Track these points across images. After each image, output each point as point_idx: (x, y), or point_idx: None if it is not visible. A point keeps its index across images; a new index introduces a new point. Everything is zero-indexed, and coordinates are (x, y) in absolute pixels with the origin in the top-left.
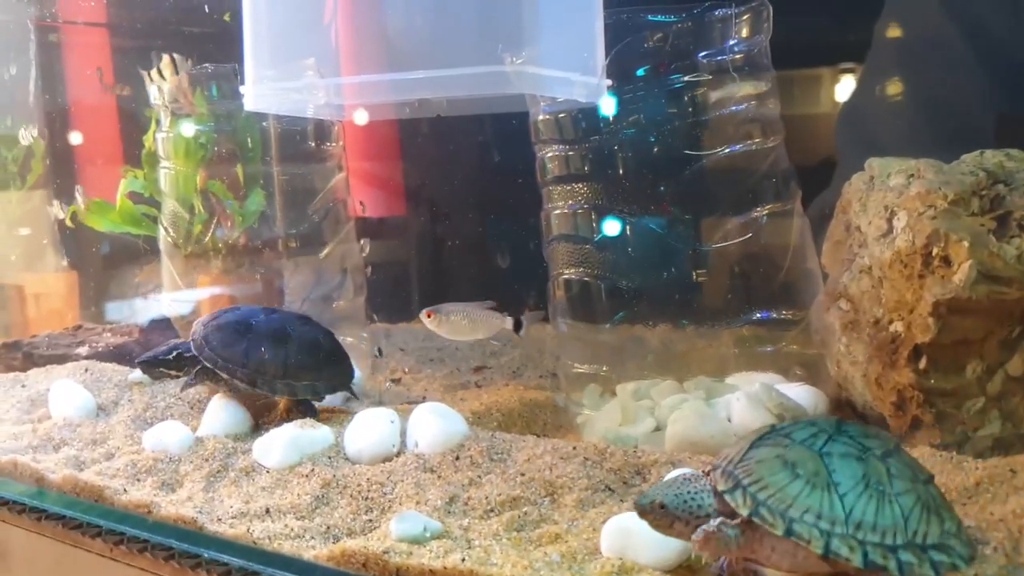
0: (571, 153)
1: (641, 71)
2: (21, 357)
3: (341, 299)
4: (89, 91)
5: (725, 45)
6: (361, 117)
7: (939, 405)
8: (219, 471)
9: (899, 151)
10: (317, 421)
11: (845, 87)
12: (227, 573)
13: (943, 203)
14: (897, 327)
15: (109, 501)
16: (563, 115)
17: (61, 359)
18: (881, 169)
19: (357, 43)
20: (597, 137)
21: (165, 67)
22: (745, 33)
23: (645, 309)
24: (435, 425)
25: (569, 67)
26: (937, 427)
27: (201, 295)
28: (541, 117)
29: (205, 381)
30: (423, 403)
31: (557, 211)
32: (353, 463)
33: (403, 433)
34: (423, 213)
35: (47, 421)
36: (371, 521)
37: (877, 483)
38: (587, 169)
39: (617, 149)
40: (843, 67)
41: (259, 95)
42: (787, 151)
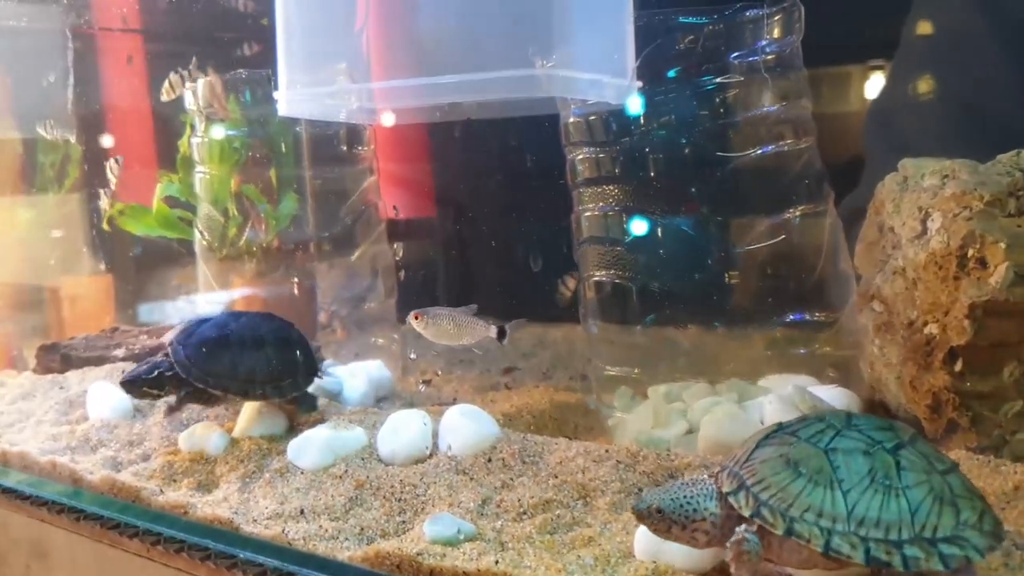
0: (602, 155)
1: (672, 73)
2: (59, 359)
3: (372, 301)
4: (124, 96)
5: (757, 46)
6: (392, 121)
7: (975, 408)
8: (254, 472)
9: (928, 151)
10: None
11: (878, 85)
12: (263, 574)
13: (979, 204)
14: (932, 329)
15: (146, 502)
16: (594, 117)
17: (98, 361)
18: (915, 170)
19: (388, 48)
20: (628, 139)
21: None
22: (777, 34)
23: (677, 311)
24: (467, 427)
25: (599, 69)
26: (973, 430)
27: (235, 297)
28: (572, 119)
29: (192, 403)
30: (454, 405)
31: (588, 213)
32: (386, 464)
33: (435, 435)
34: (453, 215)
35: (85, 423)
36: (404, 523)
37: (884, 477)
38: (618, 171)
39: (648, 151)
40: (877, 65)
41: (292, 100)
42: (820, 151)
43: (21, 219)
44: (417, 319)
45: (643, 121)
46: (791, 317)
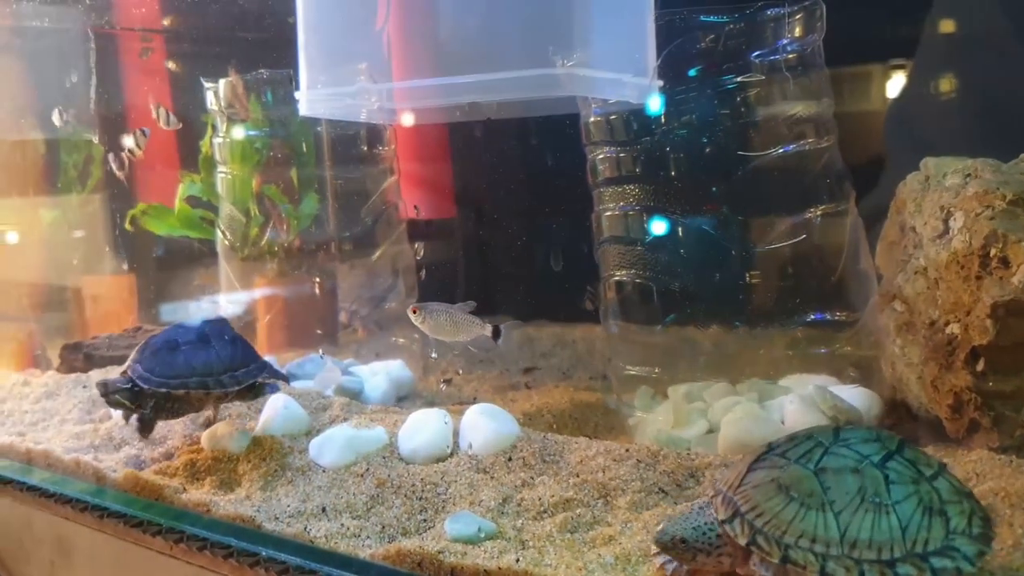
0: (622, 154)
1: (693, 72)
2: (82, 358)
3: (393, 301)
4: (146, 97)
5: (778, 45)
6: (412, 121)
7: (997, 408)
8: (276, 470)
9: (950, 150)
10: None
11: (900, 84)
12: (285, 571)
13: (1001, 203)
14: (953, 329)
15: (169, 500)
16: (614, 116)
17: (121, 360)
18: (937, 169)
19: (408, 47)
20: (648, 138)
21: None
22: (798, 32)
23: (697, 311)
24: (487, 426)
25: (620, 68)
26: (995, 430)
27: (257, 296)
28: (592, 119)
29: (162, 416)
30: (475, 404)
31: (608, 213)
32: (407, 463)
33: (456, 434)
34: (473, 215)
35: (108, 421)
36: (425, 521)
37: (874, 495)
38: (638, 170)
39: (669, 150)
40: (898, 63)
41: (313, 100)
42: (840, 150)
43: (44, 219)
44: (415, 313)
45: (664, 120)
46: (812, 317)
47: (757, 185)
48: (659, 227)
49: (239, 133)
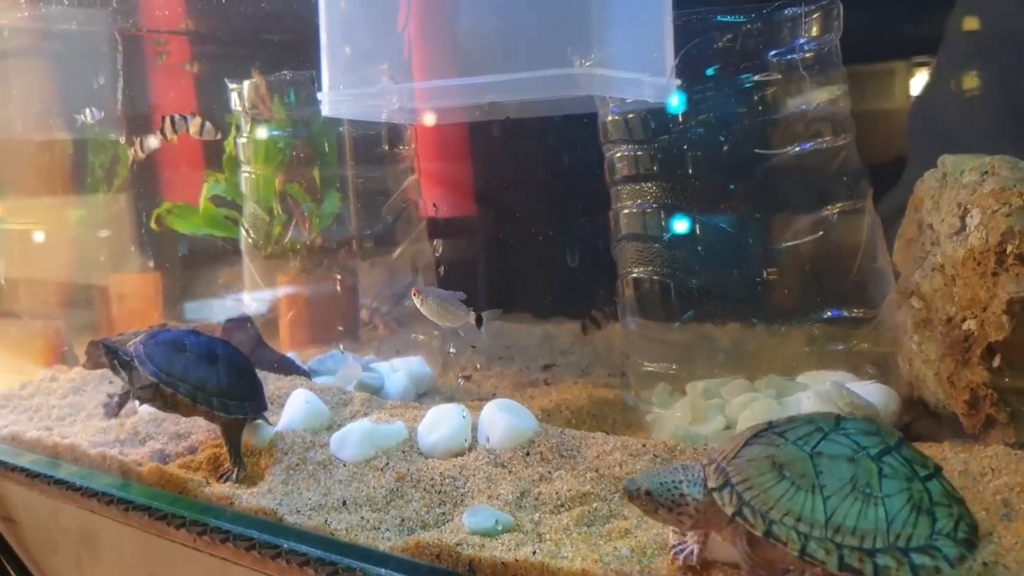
0: (640, 153)
1: (711, 71)
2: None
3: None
4: (172, 98)
5: (795, 44)
6: (432, 120)
7: (1013, 404)
8: (298, 464)
9: (972, 148)
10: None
11: (918, 82)
12: (306, 563)
13: (1018, 200)
14: (970, 325)
15: (193, 493)
16: (632, 115)
17: None
18: (954, 166)
19: (429, 48)
20: (666, 137)
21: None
22: (815, 32)
23: (715, 308)
24: (506, 421)
25: (638, 68)
26: (1012, 426)
27: (279, 294)
28: (610, 118)
29: (143, 400)
30: (494, 400)
31: (626, 210)
32: (426, 457)
33: (474, 429)
34: (493, 213)
35: (133, 416)
36: (444, 514)
37: (865, 485)
38: (656, 168)
39: (686, 148)
40: (916, 61)
41: (335, 101)
42: (857, 148)
43: (71, 218)
44: (415, 295)
45: (681, 119)
46: (829, 313)
47: (774, 183)
48: (677, 224)
49: (263, 133)
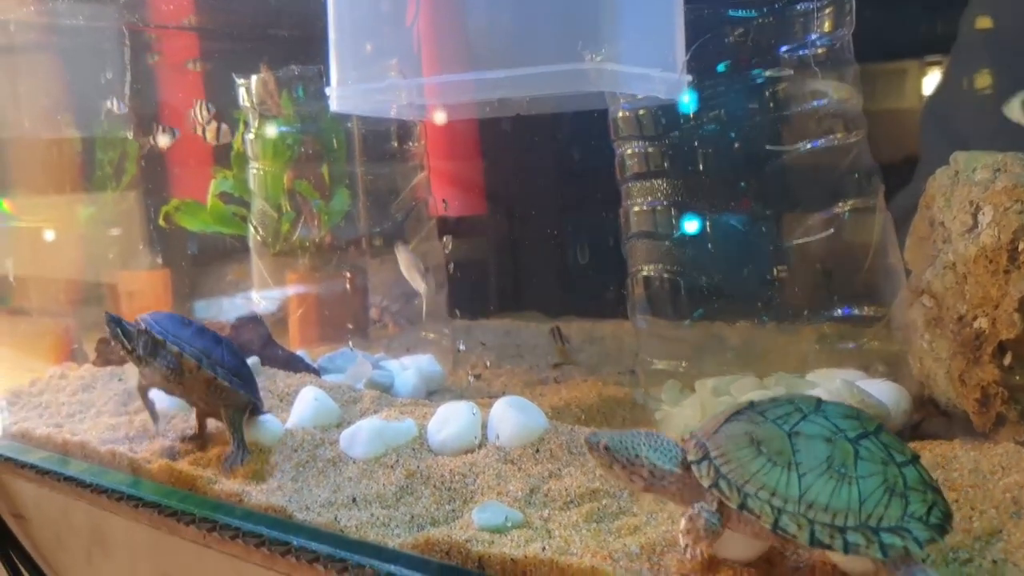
0: (651, 149)
1: (722, 67)
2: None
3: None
4: (179, 94)
5: (807, 39)
6: (442, 117)
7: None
8: (307, 461)
9: (986, 146)
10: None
11: (930, 80)
12: (315, 560)
13: None
14: (981, 323)
15: (202, 490)
16: (643, 111)
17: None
18: (966, 163)
19: (438, 43)
20: (677, 133)
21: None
22: (827, 27)
23: (725, 305)
24: (515, 419)
25: (649, 63)
26: (1022, 424)
27: (288, 291)
28: (620, 114)
29: (140, 365)
30: (503, 397)
31: (636, 208)
32: (436, 455)
33: (484, 426)
34: (503, 211)
35: (143, 413)
36: (454, 511)
37: (841, 465)
38: (667, 165)
39: (697, 145)
40: (928, 60)
41: (344, 96)
42: (869, 145)
43: (80, 216)
44: (399, 247)
45: (692, 115)
46: (840, 311)
47: (785, 180)
48: (687, 222)
49: (271, 129)
